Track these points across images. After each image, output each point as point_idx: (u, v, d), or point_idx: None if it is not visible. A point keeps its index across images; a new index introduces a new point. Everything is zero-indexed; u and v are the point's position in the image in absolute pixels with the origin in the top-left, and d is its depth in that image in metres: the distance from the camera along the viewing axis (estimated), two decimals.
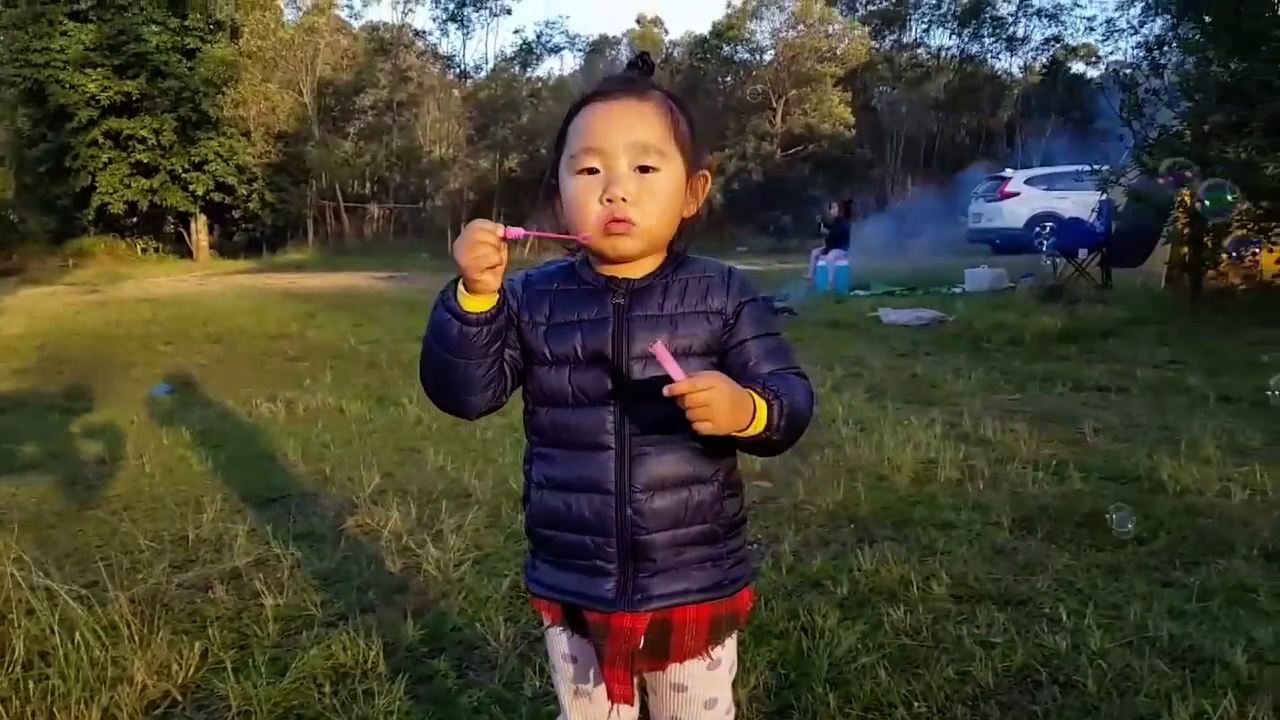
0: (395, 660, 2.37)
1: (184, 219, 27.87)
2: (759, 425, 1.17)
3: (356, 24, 34.40)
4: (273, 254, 26.60)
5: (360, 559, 3.12)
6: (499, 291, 1.21)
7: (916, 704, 2.10)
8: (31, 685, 2.24)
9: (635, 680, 1.32)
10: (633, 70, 1.32)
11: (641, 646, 1.29)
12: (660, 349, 1.14)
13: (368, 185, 32.51)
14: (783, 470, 4.05)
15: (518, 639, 2.41)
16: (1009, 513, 3.37)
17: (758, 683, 2.19)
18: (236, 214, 28.14)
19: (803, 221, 25.98)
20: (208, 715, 2.16)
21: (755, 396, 1.18)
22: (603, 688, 1.32)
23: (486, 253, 1.16)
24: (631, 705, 1.33)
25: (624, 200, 1.23)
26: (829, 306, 11.01)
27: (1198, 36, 9.06)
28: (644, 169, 1.24)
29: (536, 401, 1.32)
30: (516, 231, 1.17)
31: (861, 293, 12.48)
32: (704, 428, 1.11)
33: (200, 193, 26.38)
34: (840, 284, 13.01)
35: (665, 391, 1.11)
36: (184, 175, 26.21)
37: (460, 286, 1.21)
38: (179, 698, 2.24)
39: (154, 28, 25.05)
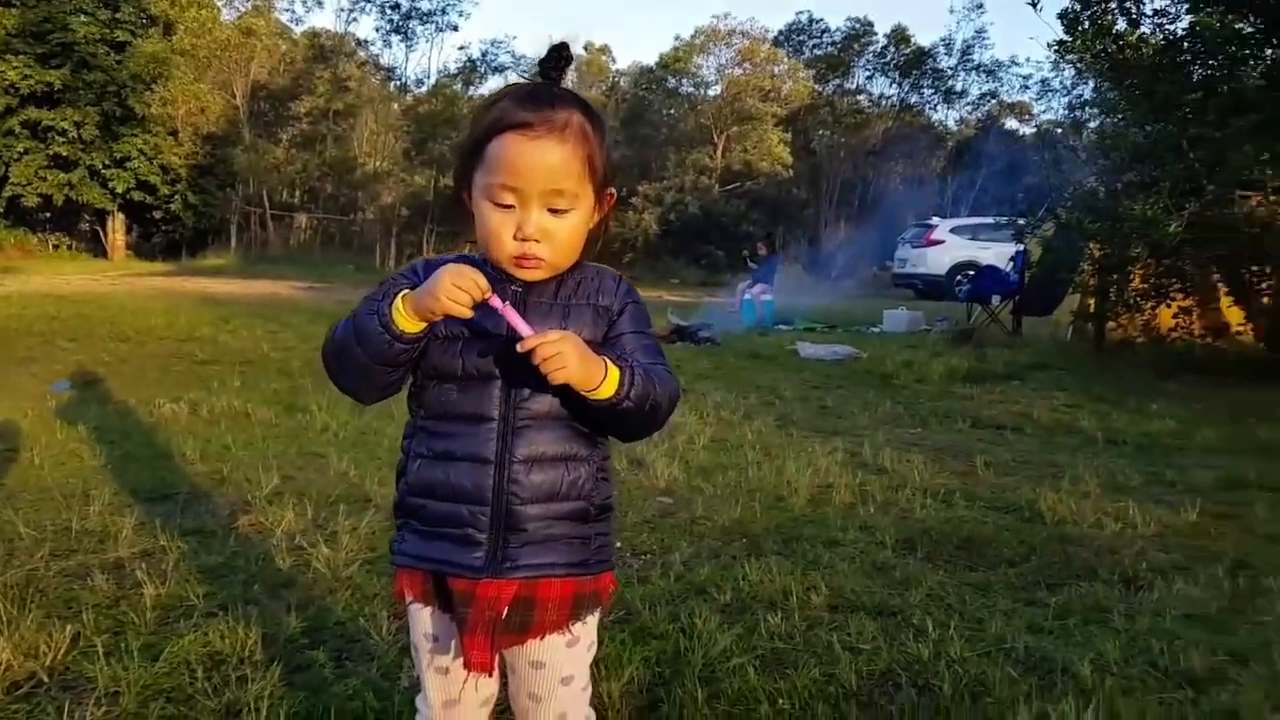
0: (273, 650, 2.37)
1: (101, 217, 26.98)
2: (610, 386, 1.25)
3: (297, 29, 33.89)
4: (192, 258, 25.83)
5: (249, 555, 3.09)
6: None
7: (781, 701, 2.18)
8: None
9: (495, 656, 1.35)
10: (549, 70, 1.34)
11: (505, 618, 1.33)
12: (497, 301, 1.23)
13: (297, 194, 31.86)
14: (685, 488, 4.14)
15: (400, 633, 2.42)
16: (893, 534, 3.50)
17: (632, 678, 2.25)
18: (157, 215, 27.33)
19: (736, 256, 26.39)
20: (73, 695, 2.12)
21: (608, 361, 1.26)
22: (460, 661, 1.35)
23: (465, 301, 1.22)
24: (490, 675, 1.37)
25: (536, 241, 1.30)
26: (751, 339, 11.23)
27: (1118, 98, 9.57)
28: (556, 210, 1.31)
29: (427, 376, 1.38)
30: (497, 302, 1.24)
31: (784, 327, 12.78)
32: (558, 376, 1.20)
33: (120, 190, 25.56)
34: (765, 318, 13.31)
35: (519, 348, 1.19)
36: (104, 171, 25.36)
37: (400, 302, 1.26)
38: (45, 679, 2.20)
39: (82, 17, 24.30)
